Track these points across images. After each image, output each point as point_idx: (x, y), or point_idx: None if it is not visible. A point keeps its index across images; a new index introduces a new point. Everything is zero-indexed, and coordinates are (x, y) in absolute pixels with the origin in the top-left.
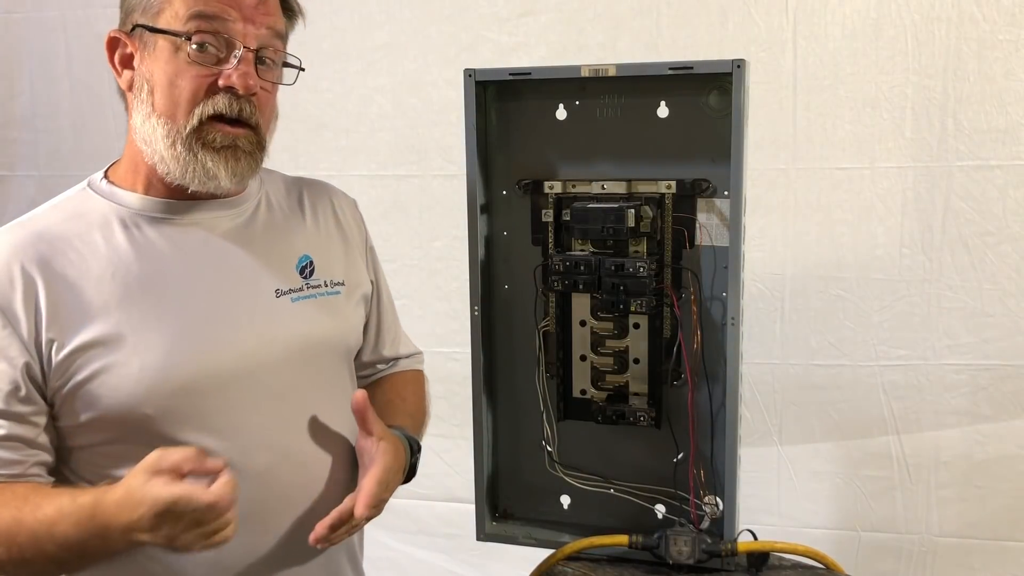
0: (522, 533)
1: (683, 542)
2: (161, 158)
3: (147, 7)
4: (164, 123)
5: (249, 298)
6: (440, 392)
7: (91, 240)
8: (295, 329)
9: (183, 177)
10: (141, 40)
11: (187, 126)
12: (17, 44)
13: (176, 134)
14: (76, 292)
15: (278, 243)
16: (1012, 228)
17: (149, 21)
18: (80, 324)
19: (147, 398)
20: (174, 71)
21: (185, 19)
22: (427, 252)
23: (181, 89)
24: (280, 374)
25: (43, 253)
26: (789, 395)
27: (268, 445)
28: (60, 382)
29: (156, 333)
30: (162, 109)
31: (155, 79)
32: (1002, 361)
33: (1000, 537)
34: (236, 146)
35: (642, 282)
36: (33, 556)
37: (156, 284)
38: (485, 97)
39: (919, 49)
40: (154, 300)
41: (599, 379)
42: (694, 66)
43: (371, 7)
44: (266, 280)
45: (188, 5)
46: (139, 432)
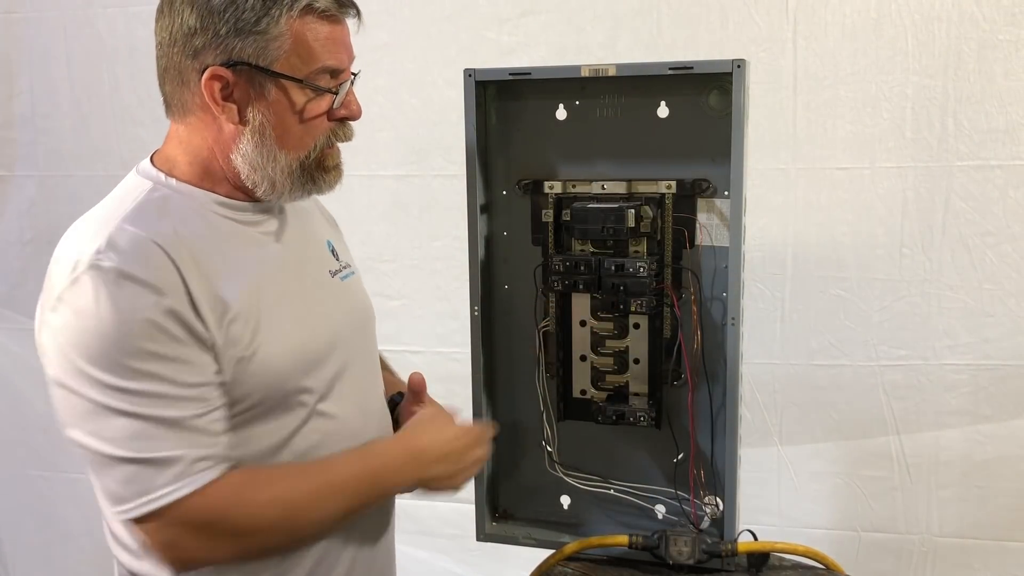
0: (522, 533)
1: (683, 542)
2: (271, 181)
3: (262, 52)
4: (286, 155)
5: (320, 280)
6: (440, 392)
7: (197, 230)
8: (353, 303)
9: (285, 194)
10: (249, 78)
11: (311, 155)
12: (17, 44)
13: (299, 163)
14: (214, 277)
15: (312, 233)
16: (1012, 228)
17: (268, 65)
18: (226, 308)
19: (291, 372)
20: (302, 112)
21: (313, 70)
22: (427, 252)
23: (311, 127)
24: (354, 343)
25: (175, 242)
26: (789, 395)
27: (359, 405)
28: (220, 362)
29: (284, 313)
30: (289, 144)
31: (279, 118)
32: (1002, 361)
33: (1000, 537)
34: (339, 163)
35: (642, 282)
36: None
37: (257, 269)
38: (485, 97)
39: (919, 49)
40: (269, 284)
41: (599, 379)
42: (694, 66)
43: (371, 7)
44: (320, 264)
45: (314, 59)
46: (275, 405)
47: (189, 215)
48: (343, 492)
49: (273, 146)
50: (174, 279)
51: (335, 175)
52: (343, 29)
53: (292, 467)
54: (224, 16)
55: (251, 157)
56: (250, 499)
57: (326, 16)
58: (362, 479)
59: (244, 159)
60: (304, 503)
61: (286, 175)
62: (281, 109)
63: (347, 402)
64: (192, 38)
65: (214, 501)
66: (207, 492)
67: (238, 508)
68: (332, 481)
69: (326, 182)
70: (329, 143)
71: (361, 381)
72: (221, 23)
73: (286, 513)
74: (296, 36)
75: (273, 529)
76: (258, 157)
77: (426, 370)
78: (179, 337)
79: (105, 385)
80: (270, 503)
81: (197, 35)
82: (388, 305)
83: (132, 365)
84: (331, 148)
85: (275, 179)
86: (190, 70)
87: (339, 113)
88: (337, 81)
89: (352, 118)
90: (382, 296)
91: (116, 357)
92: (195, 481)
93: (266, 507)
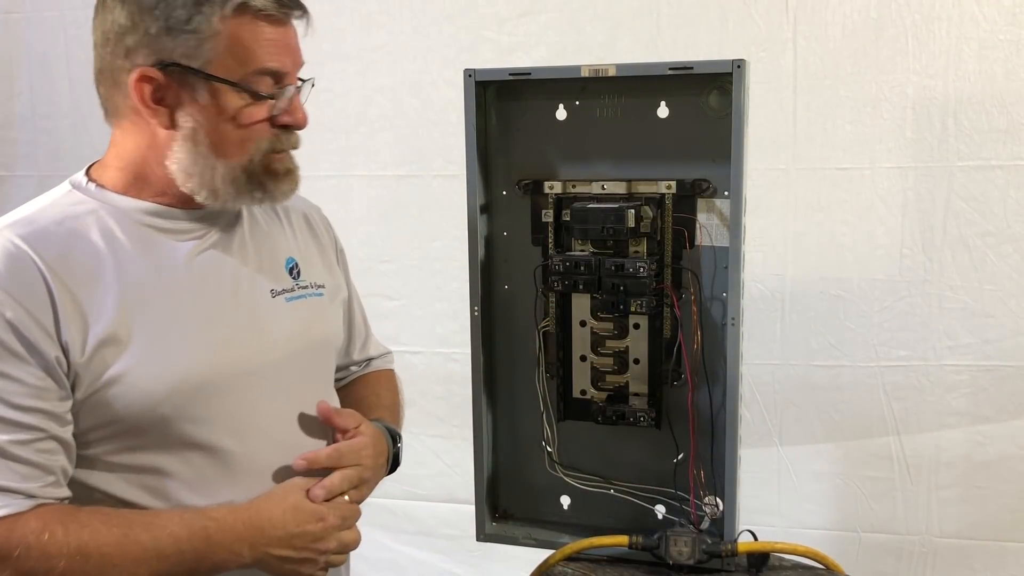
0: (522, 533)
1: (683, 543)
2: (212, 189)
3: (194, 52)
4: (225, 162)
5: (249, 299)
6: (440, 392)
7: (93, 243)
8: (292, 328)
9: (229, 201)
10: (181, 79)
11: (253, 161)
12: (17, 44)
13: (241, 170)
14: (89, 294)
15: (266, 247)
16: (1013, 228)
17: (201, 66)
18: (97, 326)
19: (167, 399)
20: (238, 117)
21: (250, 72)
22: (427, 252)
23: (249, 133)
24: (282, 373)
25: (55, 254)
26: (789, 395)
27: (275, 443)
28: (81, 384)
29: (170, 335)
30: (225, 151)
31: (213, 122)
32: (1003, 362)
33: (1001, 538)
34: (291, 168)
35: (642, 282)
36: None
37: (163, 287)
38: (485, 97)
39: (919, 49)
40: (163, 303)
41: (599, 379)
42: (694, 66)
43: (371, 7)
44: (261, 281)
45: (252, 61)
46: (156, 434)
47: (91, 225)
48: (156, 556)
49: (208, 153)
50: (35, 292)
51: (288, 182)
52: (287, 31)
53: (110, 514)
54: (154, 14)
55: (185, 164)
56: (47, 542)
57: (265, 16)
58: (184, 545)
59: (178, 165)
60: (106, 560)
61: (228, 183)
62: (214, 114)
63: (257, 438)
64: (123, 37)
65: (10, 536)
66: (6, 523)
67: (30, 549)
68: (145, 540)
69: (279, 189)
70: (271, 149)
71: (284, 414)
72: (151, 21)
73: (81, 566)
74: (231, 36)
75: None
76: (192, 164)
77: (426, 370)
78: (18, 353)
79: None
80: (67, 552)
81: (128, 34)
82: (388, 305)
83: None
84: (279, 154)
85: (215, 187)
86: (122, 71)
87: (282, 120)
88: (280, 86)
89: (297, 127)
90: (382, 296)
91: None
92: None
93: (61, 556)
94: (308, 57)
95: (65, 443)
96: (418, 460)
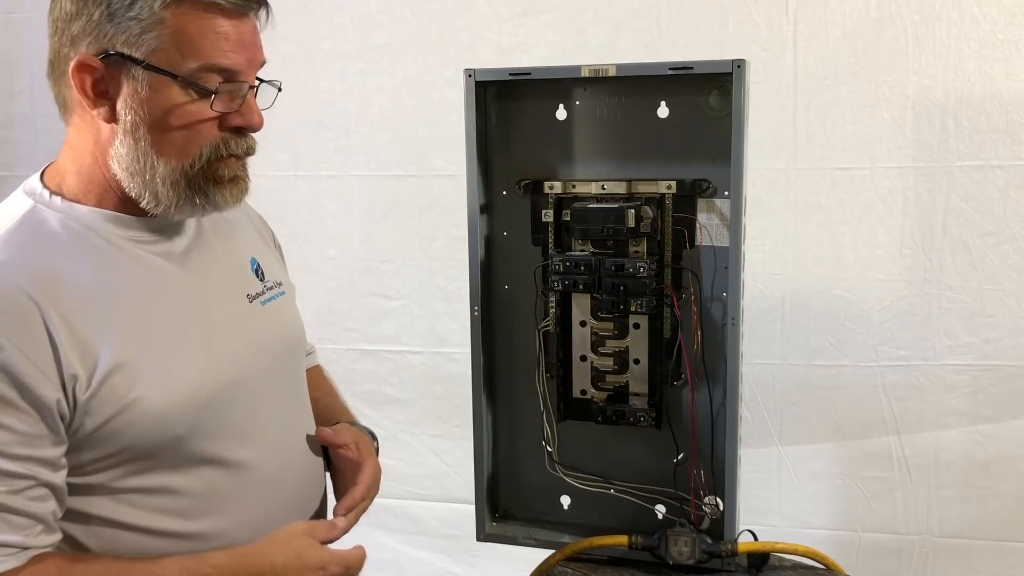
0: (522, 533)
1: (683, 542)
2: (153, 193)
3: (135, 40)
4: (166, 162)
5: (230, 307)
6: (440, 392)
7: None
8: (272, 331)
9: (172, 209)
10: (123, 70)
11: (195, 165)
12: (17, 44)
13: (181, 173)
14: (87, 322)
15: (232, 250)
16: (1013, 228)
17: (143, 56)
18: (102, 356)
19: (180, 419)
20: (181, 114)
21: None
22: (427, 252)
23: (193, 133)
24: (271, 378)
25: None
26: (789, 395)
27: (277, 448)
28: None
29: (172, 354)
30: (166, 150)
31: (155, 118)
32: (1003, 361)
33: (1001, 538)
34: (239, 176)
35: (642, 282)
36: None
37: (151, 304)
38: (485, 97)
39: (919, 49)
40: (156, 320)
41: (599, 379)
42: (694, 66)
43: (371, 7)
44: (236, 287)
45: (199, 54)
46: (168, 454)
47: (68, 244)
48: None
49: (149, 151)
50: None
51: (233, 190)
52: (242, 25)
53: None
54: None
55: (126, 162)
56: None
57: (216, 7)
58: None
59: (120, 163)
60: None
61: (168, 186)
62: (155, 108)
63: (261, 446)
64: (70, 25)
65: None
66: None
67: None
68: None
69: (222, 197)
70: (219, 153)
71: (279, 420)
72: (95, 7)
73: None
74: (177, 26)
75: None
76: (133, 162)
77: (426, 370)
78: (11, 401)
79: None
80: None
81: (73, 21)
82: (388, 305)
83: None
84: (226, 159)
85: (156, 190)
86: (67, 61)
87: (233, 121)
88: (233, 85)
89: (251, 129)
90: (382, 296)
91: None
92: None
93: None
94: (309, 57)
95: (56, 488)
96: (418, 460)
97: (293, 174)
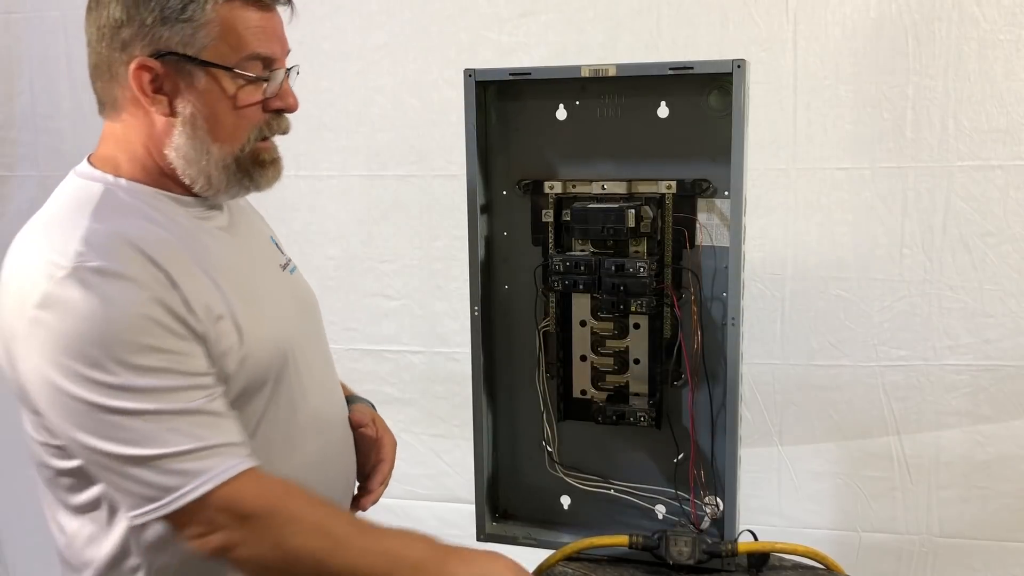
0: (522, 533)
1: (683, 542)
2: (207, 177)
3: (189, 40)
4: (220, 147)
5: (273, 274)
6: (440, 392)
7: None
8: (304, 297)
9: (222, 190)
10: (179, 68)
11: (245, 148)
12: (17, 44)
13: (233, 157)
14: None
15: (256, 228)
16: (1013, 228)
17: (197, 53)
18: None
19: (268, 365)
20: (233, 101)
21: (242, 58)
22: (427, 252)
23: (243, 118)
24: (311, 338)
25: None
26: (789, 395)
27: (327, 393)
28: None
29: (251, 309)
30: (220, 136)
31: (210, 108)
32: (1003, 361)
33: (1001, 538)
34: (276, 158)
35: (642, 282)
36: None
37: (223, 267)
38: (485, 97)
39: (919, 49)
40: (232, 280)
41: (599, 379)
42: (694, 66)
43: (371, 7)
44: (271, 258)
45: (244, 46)
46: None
47: (148, 213)
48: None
49: (206, 138)
50: (159, 275)
51: (273, 171)
52: (274, 18)
53: (334, 506)
54: (149, 5)
55: (184, 150)
56: (299, 511)
57: (254, 3)
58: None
59: (177, 153)
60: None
61: (220, 169)
62: (212, 99)
63: (311, 388)
64: (119, 31)
65: (264, 491)
66: (257, 480)
67: (284, 512)
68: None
69: (264, 178)
70: (262, 136)
71: (320, 368)
72: (147, 12)
73: (328, 545)
74: (224, 23)
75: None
76: (191, 150)
77: (426, 370)
78: (174, 329)
79: (109, 386)
80: (316, 526)
81: (124, 27)
82: (388, 305)
83: (134, 362)
84: (266, 142)
85: (210, 174)
86: (119, 64)
87: (274, 104)
88: (270, 70)
89: (288, 110)
90: (382, 296)
91: (117, 356)
92: (240, 465)
93: (312, 528)
94: (309, 57)
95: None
96: (418, 460)
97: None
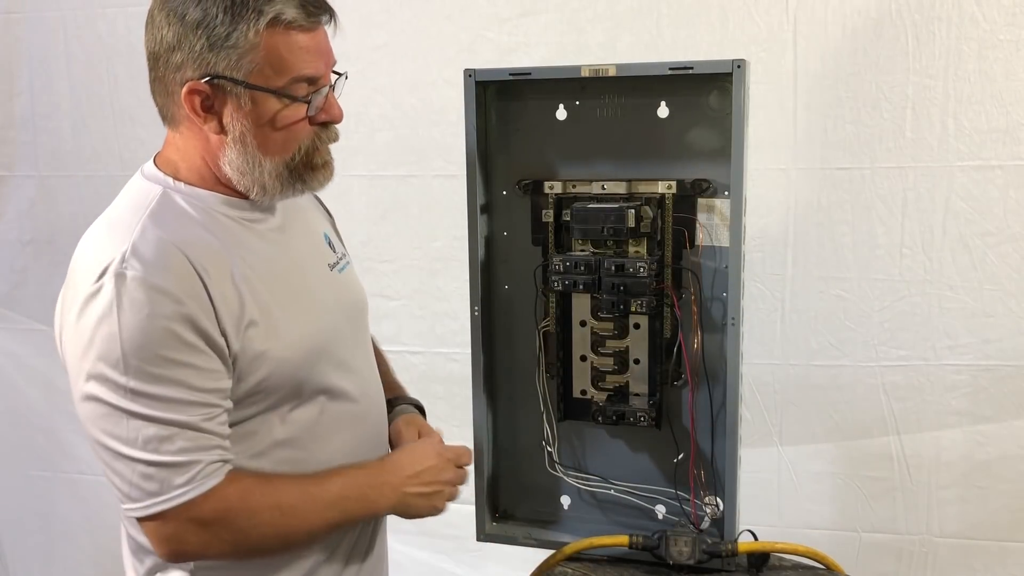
0: (522, 533)
1: (683, 542)
2: (260, 185)
3: (235, 64)
4: (271, 159)
5: (319, 274)
6: (440, 392)
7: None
8: (348, 295)
9: (276, 195)
10: (227, 90)
11: (296, 158)
12: (17, 44)
13: (285, 166)
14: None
15: (310, 228)
16: (1013, 228)
17: (243, 77)
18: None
19: (301, 365)
20: (279, 120)
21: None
22: (427, 252)
23: (291, 134)
24: (353, 336)
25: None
26: (789, 395)
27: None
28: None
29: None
30: (271, 150)
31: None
32: (1003, 361)
33: (1001, 538)
34: (327, 161)
35: (642, 282)
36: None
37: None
38: (485, 97)
39: (919, 49)
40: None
41: (599, 379)
42: (694, 66)
43: (371, 7)
44: (319, 258)
45: (288, 69)
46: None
47: (200, 221)
48: (333, 506)
49: (256, 152)
50: (196, 287)
51: (325, 173)
52: (318, 35)
53: (288, 477)
54: (197, 32)
55: (237, 164)
56: (254, 503)
57: (297, 26)
58: (349, 494)
59: (231, 166)
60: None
61: (274, 178)
62: (259, 118)
63: (353, 387)
64: (172, 54)
65: (220, 502)
66: (215, 492)
67: (242, 509)
68: (318, 493)
69: (317, 180)
70: (315, 145)
71: (361, 368)
72: (196, 39)
73: (283, 519)
74: (267, 48)
75: (269, 532)
76: (244, 163)
77: (426, 370)
78: (195, 345)
79: (125, 389)
80: (269, 508)
81: (175, 51)
82: (388, 305)
83: (152, 371)
84: (318, 147)
85: (264, 183)
86: (173, 83)
87: (320, 118)
88: (315, 87)
89: (334, 122)
90: (382, 296)
91: (137, 363)
92: (206, 483)
93: (266, 511)
94: None
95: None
96: None
97: None
